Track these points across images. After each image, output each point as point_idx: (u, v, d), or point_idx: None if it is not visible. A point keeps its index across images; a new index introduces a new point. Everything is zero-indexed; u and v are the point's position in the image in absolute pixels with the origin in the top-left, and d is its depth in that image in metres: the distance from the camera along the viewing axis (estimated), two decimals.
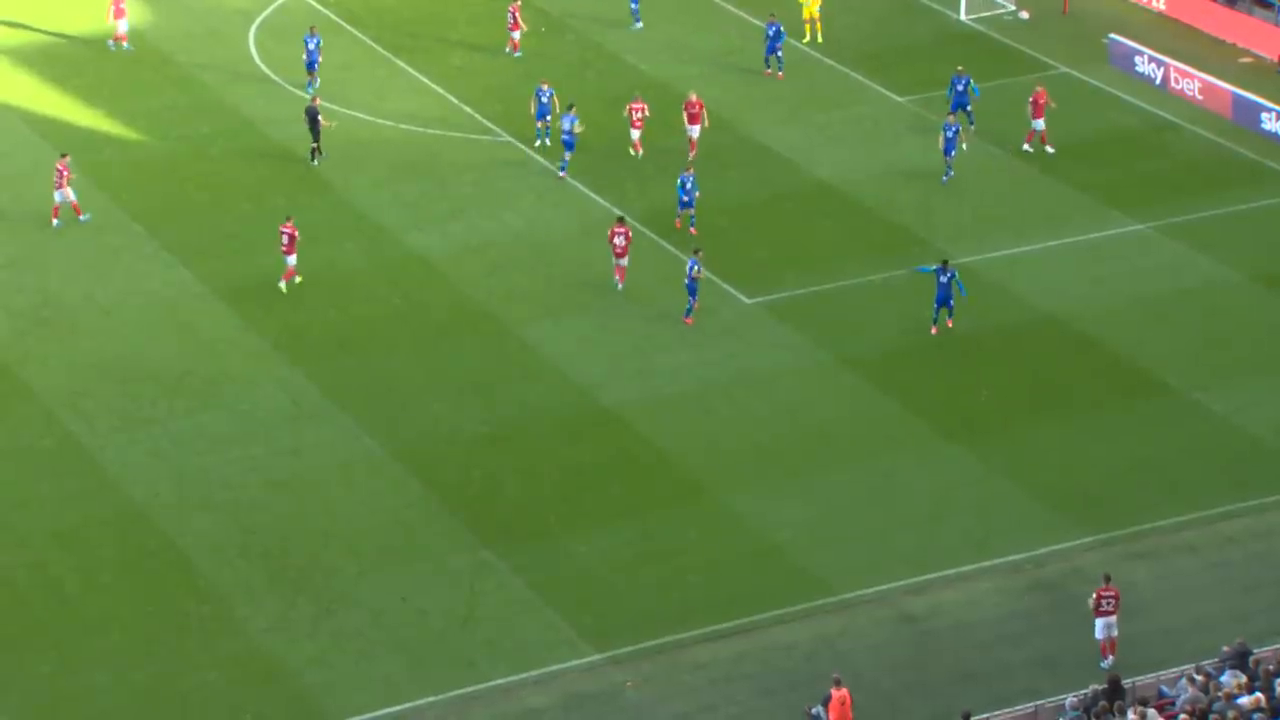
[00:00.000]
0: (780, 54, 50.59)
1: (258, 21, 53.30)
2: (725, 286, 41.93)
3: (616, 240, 41.32)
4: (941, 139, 45.66)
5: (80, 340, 39.82)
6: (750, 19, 53.60)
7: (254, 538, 34.51)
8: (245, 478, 35.98)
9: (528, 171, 46.23)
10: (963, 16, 54.06)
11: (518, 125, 48.08)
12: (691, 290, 40.37)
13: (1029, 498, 35.29)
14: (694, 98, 46.05)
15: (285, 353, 39.50)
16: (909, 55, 52.02)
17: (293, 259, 40.89)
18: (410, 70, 50.97)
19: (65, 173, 43.09)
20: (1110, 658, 31.67)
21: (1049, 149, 46.58)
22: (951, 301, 39.98)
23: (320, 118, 45.85)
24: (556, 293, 41.69)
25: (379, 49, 51.52)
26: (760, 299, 41.65)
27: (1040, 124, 46.66)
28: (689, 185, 43.20)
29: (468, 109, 49.14)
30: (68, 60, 50.94)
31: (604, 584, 33.78)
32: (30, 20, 52.96)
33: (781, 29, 50.66)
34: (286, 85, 49.81)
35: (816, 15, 52.39)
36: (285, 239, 40.68)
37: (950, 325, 40.15)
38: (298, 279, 41.07)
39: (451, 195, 45.29)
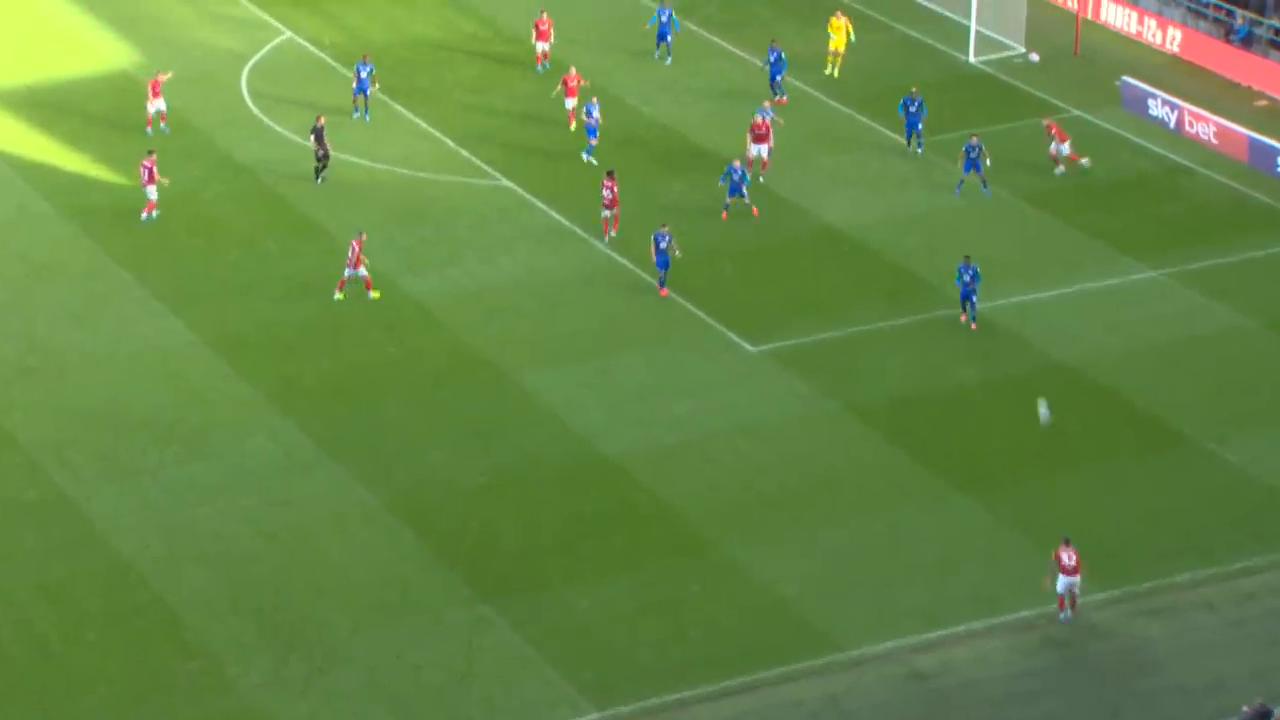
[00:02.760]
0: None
1: (250, 64, 53.74)
2: (730, 334, 42.16)
3: (604, 193, 43.13)
4: (963, 159, 46.40)
5: (67, 389, 40.01)
6: (752, 59, 54.04)
7: (245, 592, 34.60)
8: (236, 530, 36.10)
9: (526, 216, 46.54)
10: (971, 58, 54.51)
11: (516, 169, 48.42)
12: (663, 264, 41.84)
13: (1041, 551, 35.39)
14: (761, 119, 46.60)
15: (277, 402, 39.69)
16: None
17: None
18: (406, 113, 51.36)
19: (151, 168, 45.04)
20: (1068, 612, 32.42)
21: (1085, 161, 46.64)
22: (974, 298, 40.74)
23: (324, 137, 46.41)
24: (556, 339, 41.91)
25: (374, 91, 51.87)
26: (766, 346, 41.87)
27: (1065, 147, 46.95)
28: (736, 176, 44.65)
29: (465, 152, 49.49)
30: (54, 103, 51.32)
31: (604, 639, 33.85)
32: (15, 63, 53.37)
33: (783, 55, 51.19)
34: (279, 128, 50.18)
35: (842, 50, 52.84)
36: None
37: (974, 329, 40.76)
38: (373, 294, 42.06)
39: (448, 240, 45.58)
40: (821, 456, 38.40)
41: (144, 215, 45.48)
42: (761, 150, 46.95)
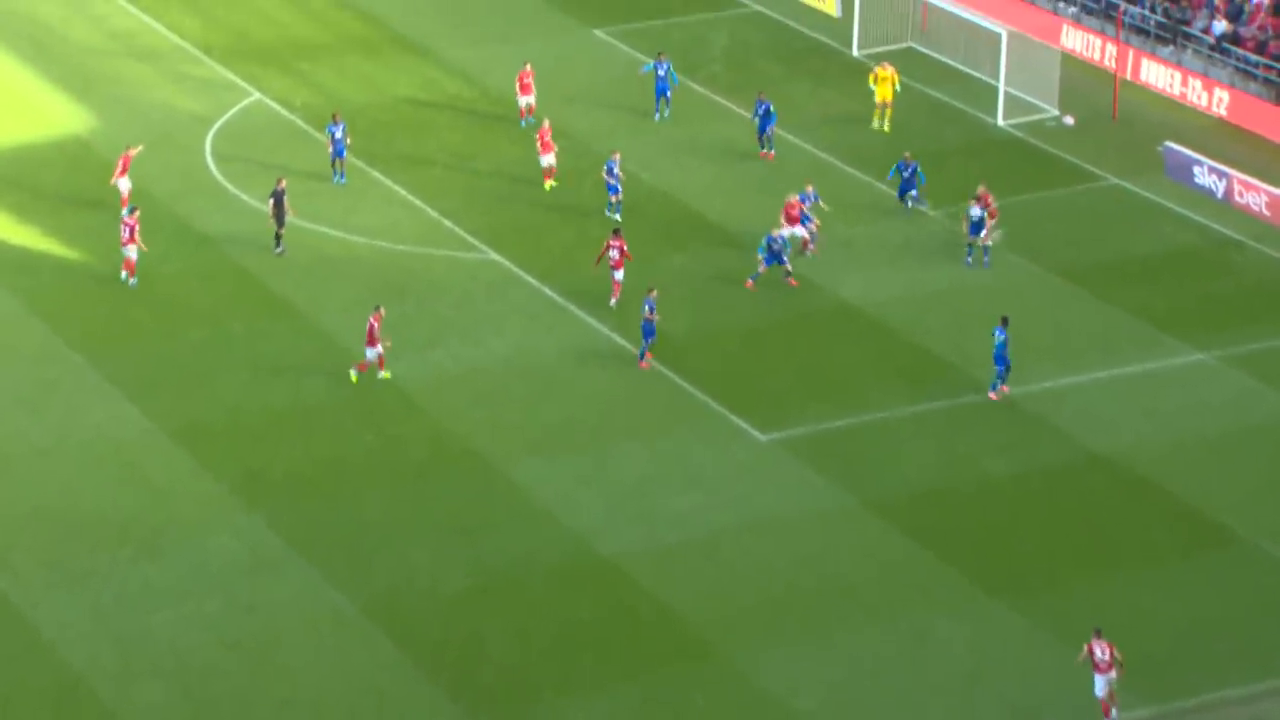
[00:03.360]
0: (771, 134, 51.91)
1: (215, 127, 54.24)
2: (737, 420, 42.36)
3: (611, 253, 43.58)
4: (966, 223, 47.01)
5: (11, 484, 40.10)
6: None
7: (205, 708, 34.58)
8: (197, 639, 36.12)
9: (516, 292, 46.84)
10: (1000, 121, 55.02)
11: (505, 241, 48.79)
12: (648, 332, 42.57)
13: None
14: (794, 199, 47.19)
15: (243, 496, 39.80)
16: (939, 164, 52.84)
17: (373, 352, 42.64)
18: (384, 180, 51.80)
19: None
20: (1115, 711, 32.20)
21: (996, 235, 47.14)
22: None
23: (284, 203, 46.88)
24: (548, 427, 42.08)
25: (350, 157, 52.36)
26: (776, 435, 42.04)
27: (983, 226, 47.07)
28: (777, 245, 45.48)
29: (448, 223, 49.89)
30: (1, 173, 51.69)
31: None
32: None
33: (771, 108, 51.84)
34: (245, 198, 50.59)
35: (889, 100, 53.35)
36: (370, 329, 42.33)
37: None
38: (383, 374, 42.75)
39: (431, 319, 45.85)
40: (837, 556, 38.47)
41: (124, 275, 45.97)
42: (797, 231, 47.11)
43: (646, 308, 43.13)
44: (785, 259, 45.91)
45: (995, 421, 42.44)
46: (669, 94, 54.24)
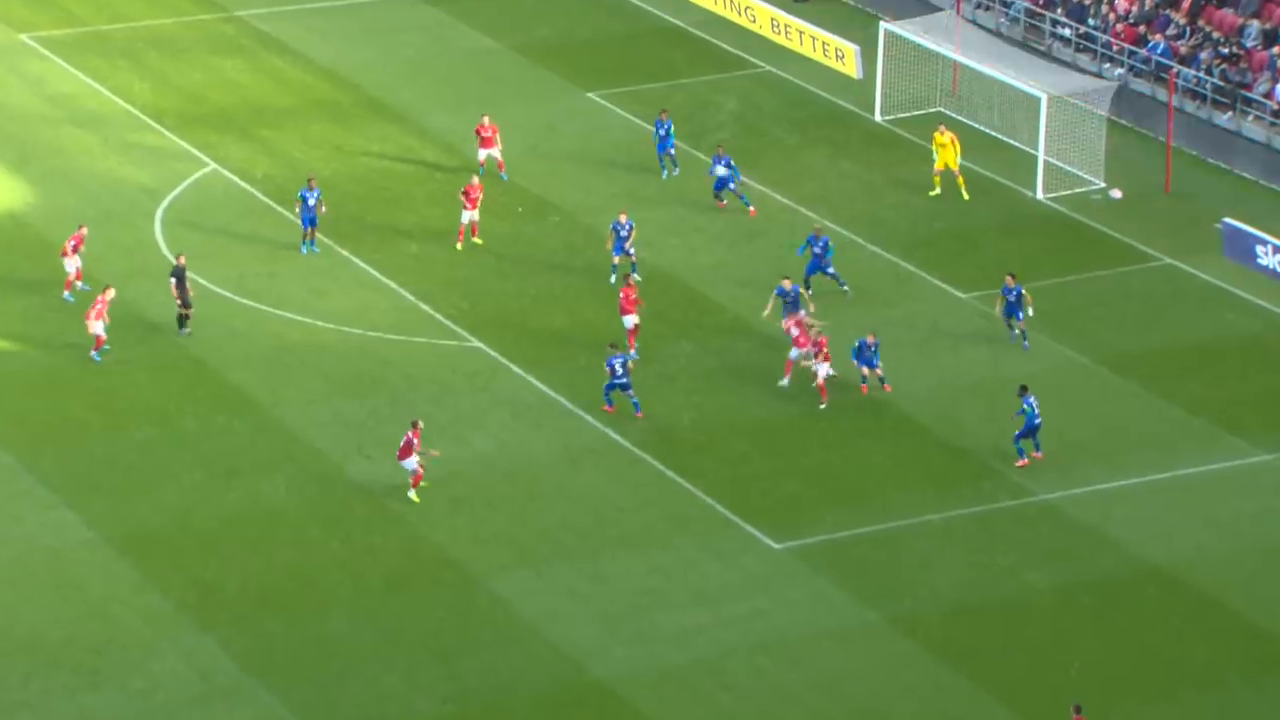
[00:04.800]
0: (674, 153, 53.37)
1: (165, 202, 54.49)
2: (747, 527, 42.32)
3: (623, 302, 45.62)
4: (1001, 303, 47.26)
5: None
6: (774, 194, 54.82)
7: None
8: None
9: (500, 384, 46.93)
10: (1039, 195, 55.29)
11: (488, 327, 48.94)
12: (626, 387, 44.13)
13: None
14: (793, 323, 46.62)
15: (193, 614, 39.70)
16: (971, 242, 53.08)
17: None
18: (355, 260, 52.00)
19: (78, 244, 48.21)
20: None
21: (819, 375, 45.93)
22: (876, 362, 43.65)
23: (186, 280, 47.62)
24: (536, 535, 42.05)
25: (317, 234, 52.57)
26: (791, 543, 41.99)
27: (813, 362, 45.72)
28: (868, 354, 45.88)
29: (426, 307, 50.05)
30: None
31: None
32: None
33: (732, 161, 52.97)
34: (200, 280, 50.75)
35: (955, 166, 53.74)
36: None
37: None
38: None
39: (407, 414, 45.85)
40: (860, 680, 38.32)
41: (94, 353, 46.52)
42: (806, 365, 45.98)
43: (619, 363, 44.30)
44: (876, 362, 45.82)
45: (1037, 529, 42.40)
46: (672, 152, 54.61)
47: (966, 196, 53.99)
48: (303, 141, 57.34)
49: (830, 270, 49.76)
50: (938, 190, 54.28)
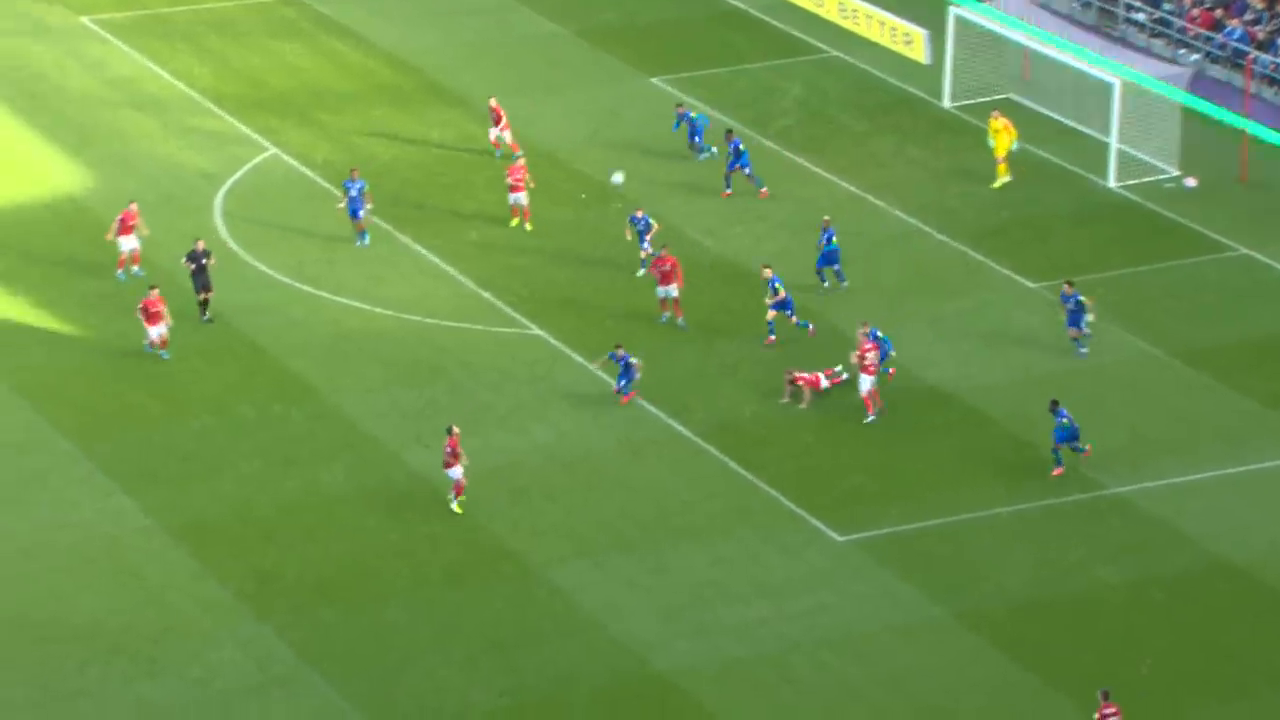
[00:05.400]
0: (740, 174, 53.06)
1: (225, 186, 54.69)
2: (811, 520, 42.21)
3: (663, 266, 45.51)
4: (1062, 313, 46.69)
5: None
6: (840, 182, 54.65)
7: None
8: None
9: (561, 373, 46.92)
10: (1111, 183, 54.96)
11: (549, 314, 48.93)
12: (627, 374, 44.15)
13: None
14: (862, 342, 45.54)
15: (250, 603, 39.85)
16: (1042, 231, 52.80)
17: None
18: (414, 246, 52.09)
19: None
20: None
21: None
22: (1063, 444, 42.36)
23: (210, 260, 47.46)
24: (596, 526, 42.03)
25: (377, 221, 52.70)
26: (855, 536, 41.86)
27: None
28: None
29: (486, 294, 50.08)
30: None
31: None
32: None
33: (741, 146, 52.94)
34: (260, 266, 50.93)
35: (1001, 153, 53.57)
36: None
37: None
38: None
39: (465, 403, 45.95)
40: (926, 676, 38.19)
41: (162, 352, 46.74)
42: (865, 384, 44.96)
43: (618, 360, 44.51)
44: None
45: (1108, 524, 42.15)
46: (701, 138, 54.44)
47: (998, 185, 53.59)
48: (363, 126, 57.47)
49: (837, 266, 49.18)
50: (1007, 178, 54.01)
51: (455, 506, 41.99)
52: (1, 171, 55.06)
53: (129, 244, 49.88)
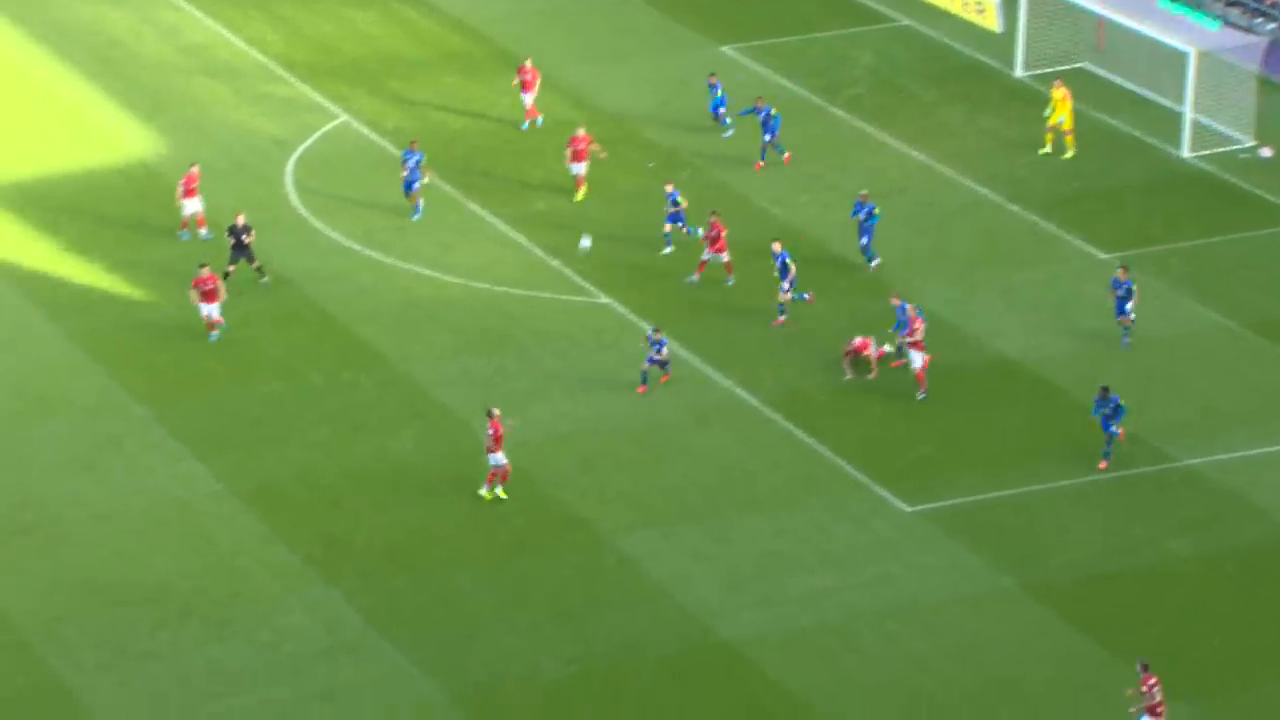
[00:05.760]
0: (774, 140, 52.70)
1: (297, 154, 54.93)
2: (878, 490, 42.20)
3: (711, 231, 45.65)
4: (1112, 297, 46.06)
5: (65, 552, 40.67)
6: (910, 151, 54.51)
7: None
8: None
9: (630, 342, 46.99)
10: (1185, 153, 54.59)
11: (618, 283, 48.99)
12: (663, 364, 43.71)
13: None
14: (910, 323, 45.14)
15: (319, 568, 40.14)
16: (1114, 201, 52.52)
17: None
18: (484, 214, 52.22)
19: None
20: None
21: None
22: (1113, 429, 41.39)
23: (249, 237, 47.36)
24: (663, 496, 42.12)
25: (446, 188, 52.86)
26: (923, 506, 41.83)
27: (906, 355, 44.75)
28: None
29: (555, 263, 50.17)
30: (60, 202, 52.66)
31: None
32: (15, 154, 54.88)
33: (773, 111, 52.60)
34: (330, 233, 51.18)
35: (1053, 122, 53.24)
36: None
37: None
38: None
39: (534, 371, 46.09)
40: (993, 647, 38.16)
41: (212, 334, 46.37)
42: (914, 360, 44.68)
43: (660, 348, 44.00)
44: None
45: (1179, 496, 41.99)
46: (724, 111, 54.20)
47: (1045, 151, 53.28)
48: (433, 93, 57.60)
49: (866, 240, 48.57)
50: (1047, 150, 53.62)
51: (487, 492, 41.44)
52: (76, 137, 55.48)
53: (192, 206, 50.23)
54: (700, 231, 48.75)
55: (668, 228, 49.67)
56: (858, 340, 45.36)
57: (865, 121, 55.96)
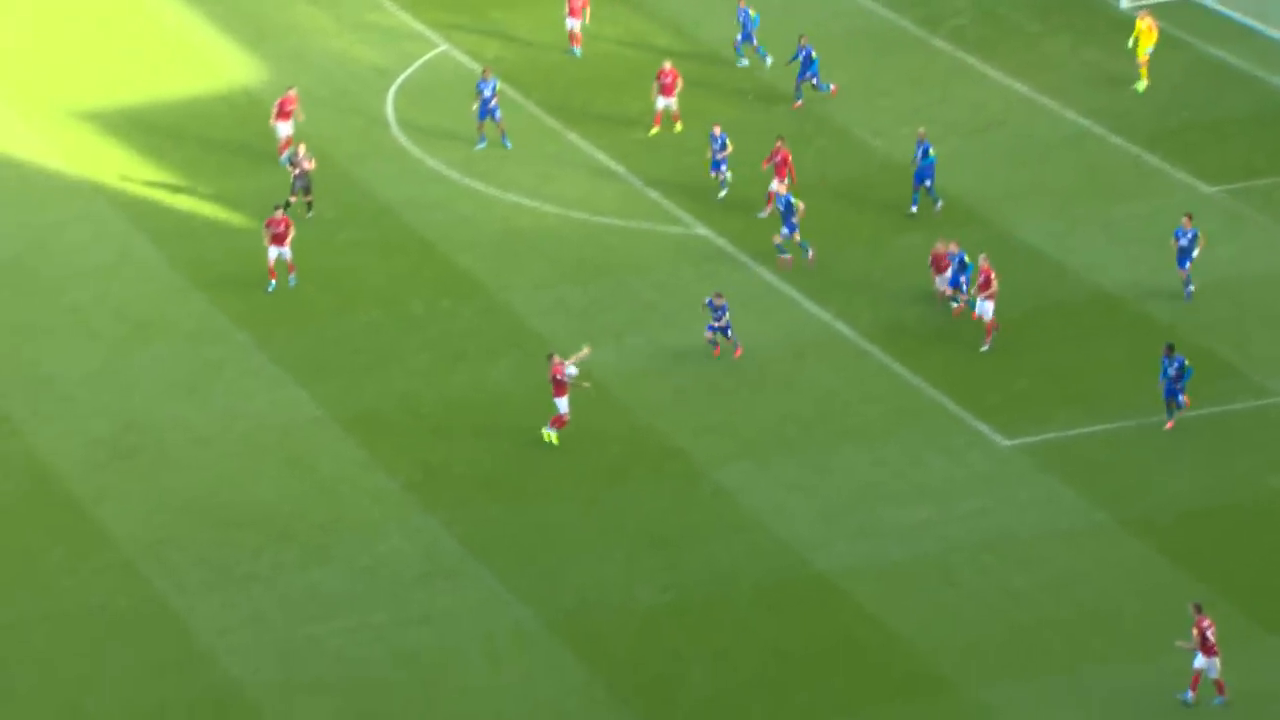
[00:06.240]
0: (755, 43, 52.33)
1: (398, 82, 55.14)
2: (976, 423, 42.13)
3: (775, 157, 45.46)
4: (1175, 246, 44.96)
5: (169, 475, 41.21)
6: (1013, 83, 54.13)
7: None
8: (365, 651, 36.84)
9: (726, 273, 47.01)
10: None
11: (715, 214, 48.98)
12: (724, 330, 42.50)
13: None
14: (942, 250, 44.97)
15: (418, 495, 40.49)
16: (1220, 133, 51.99)
17: None
18: (583, 145, 52.27)
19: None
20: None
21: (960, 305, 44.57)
22: (1180, 397, 40.45)
23: (303, 165, 47.27)
24: (759, 427, 42.21)
25: (545, 118, 52.94)
26: (1021, 440, 41.74)
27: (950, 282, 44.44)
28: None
29: (653, 194, 50.20)
30: (165, 128, 53.11)
31: None
32: (122, 80, 55.35)
33: (813, 52, 51.94)
34: (430, 161, 51.40)
35: (1144, 58, 52.84)
36: None
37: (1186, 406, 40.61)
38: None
39: (631, 301, 46.18)
40: (1089, 581, 38.11)
41: (271, 282, 46.11)
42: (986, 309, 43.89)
43: (716, 317, 42.83)
44: (962, 282, 44.29)
45: (1279, 431, 41.68)
46: (754, 41, 53.66)
47: (1142, 89, 52.71)
48: (533, 23, 57.59)
49: (930, 183, 47.79)
50: (1145, 82, 53.02)
51: (550, 435, 41.24)
52: (180, 64, 55.89)
53: (285, 129, 50.53)
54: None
55: (714, 174, 49.04)
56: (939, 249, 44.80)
57: (967, 53, 55.59)
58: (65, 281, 46.96)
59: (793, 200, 46.23)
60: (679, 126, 51.78)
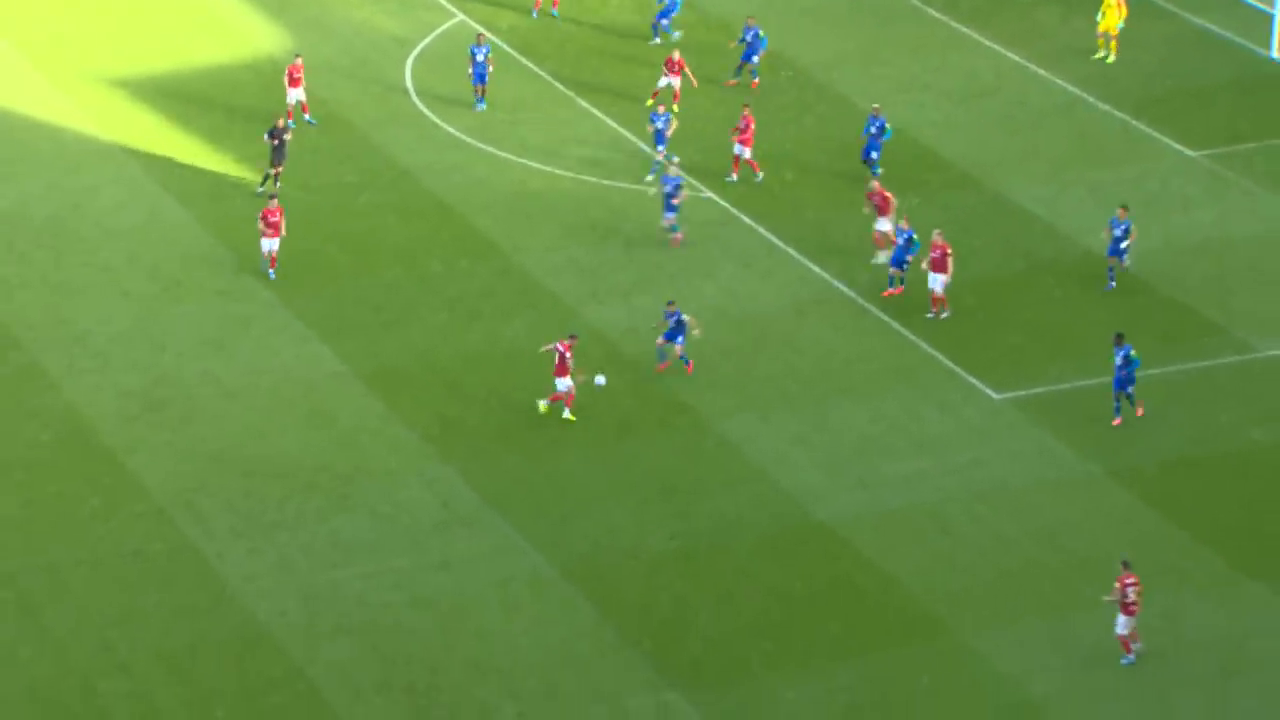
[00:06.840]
0: (756, 62, 51.53)
1: (416, 50, 54.95)
2: (969, 378, 42.06)
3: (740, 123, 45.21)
4: (1108, 236, 44.18)
5: (198, 427, 41.21)
6: (1006, 52, 53.91)
7: (395, 668, 35.32)
8: (386, 596, 36.88)
9: (731, 234, 46.90)
10: (1274, 53, 53.72)
11: (719, 178, 48.85)
12: (671, 337, 41.31)
13: None
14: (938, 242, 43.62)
15: (436, 446, 40.47)
16: (1204, 100, 51.82)
17: None
18: (594, 111, 52.12)
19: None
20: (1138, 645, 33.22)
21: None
22: (1130, 388, 39.87)
23: (288, 136, 46.87)
24: (763, 382, 42.17)
25: (558, 85, 52.77)
26: (1012, 394, 41.67)
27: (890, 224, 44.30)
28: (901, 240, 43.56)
29: (661, 160, 50.05)
30: (193, 95, 52.96)
31: None
32: (151, 49, 55.17)
33: (760, 33, 51.40)
34: (447, 127, 51.25)
35: (1114, 31, 52.45)
36: None
37: (1139, 413, 40.04)
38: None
39: (639, 262, 46.10)
40: (1078, 529, 38.08)
41: (271, 271, 45.16)
42: (937, 283, 43.42)
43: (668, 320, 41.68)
44: (905, 260, 43.59)
45: (1262, 385, 41.65)
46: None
47: (1110, 60, 52.41)
48: None
49: (875, 154, 47.29)
50: (1105, 54, 52.65)
51: (545, 407, 40.57)
52: (208, 33, 55.70)
53: (295, 95, 50.33)
54: (654, 173, 47.73)
55: (659, 154, 48.30)
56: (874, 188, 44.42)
57: (961, 22, 55.38)
58: (98, 242, 46.88)
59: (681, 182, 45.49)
60: (676, 107, 51.27)
